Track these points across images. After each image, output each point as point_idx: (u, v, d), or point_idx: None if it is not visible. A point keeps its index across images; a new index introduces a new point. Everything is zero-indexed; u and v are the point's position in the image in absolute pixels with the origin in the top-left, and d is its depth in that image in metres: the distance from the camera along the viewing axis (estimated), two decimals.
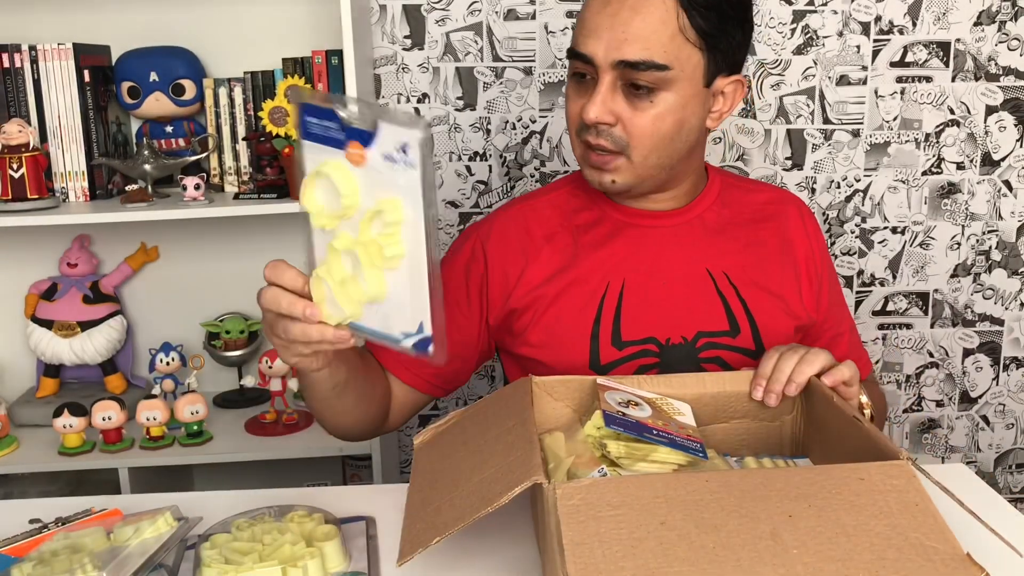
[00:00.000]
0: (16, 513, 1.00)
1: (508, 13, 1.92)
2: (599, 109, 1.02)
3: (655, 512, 0.69)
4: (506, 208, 1.20)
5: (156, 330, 1.99)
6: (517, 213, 1.18)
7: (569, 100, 1.08)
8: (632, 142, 1.04)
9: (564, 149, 1.99)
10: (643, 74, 1.01)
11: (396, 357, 1.12)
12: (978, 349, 2.14)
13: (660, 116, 1.03)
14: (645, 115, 1.03)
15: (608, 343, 1.10)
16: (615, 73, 1.02)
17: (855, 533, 0.67)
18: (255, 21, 1.88)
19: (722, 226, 1.16)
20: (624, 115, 1.03)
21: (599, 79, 1.02)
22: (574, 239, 1.14)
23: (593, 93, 1.03)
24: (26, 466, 1.71)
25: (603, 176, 1.07)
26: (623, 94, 1.03)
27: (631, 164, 1.06)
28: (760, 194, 1.21)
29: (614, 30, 1.00)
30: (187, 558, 0.89)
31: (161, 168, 1.78)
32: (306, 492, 1.11)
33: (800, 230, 1.19)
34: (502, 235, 1.16)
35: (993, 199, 2.06)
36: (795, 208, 1.21)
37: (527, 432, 0.82)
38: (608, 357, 1.09)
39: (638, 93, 1.02)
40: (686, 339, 1.10)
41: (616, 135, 1.04)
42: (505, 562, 0.88)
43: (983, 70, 1.99)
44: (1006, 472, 2.21)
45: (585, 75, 1.05)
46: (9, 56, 1.75)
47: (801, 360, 0.95)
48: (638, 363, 1.10)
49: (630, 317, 1.10)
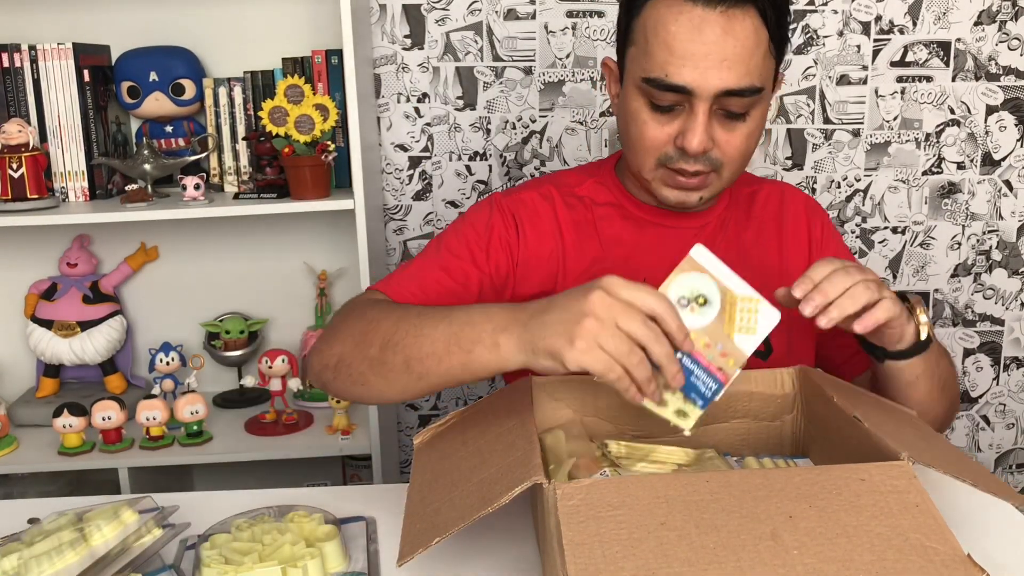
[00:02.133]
0: (16, 513, 1.00)
1: (508, 13, 1.92)
2: (703, 139, 0.99)
3: (655, 512, 0.69)
4: (535, 186, 1.18)
5: (156, 330, 2.00)
6: (547, 191, 1.17)
7: (647, 129, 1.02)
8: (726, 161, 1.03)
9: (564, 149, 1.99)
10: (743, 100, 0.99)
11: None
12: (978, 349, 2.14)
13: (751, 134, 1.03)
14: (738, 135, 1.02)
15: None
16: (712, 103, 0.98)
17: (855, 534, 0.67)
18: (255, 21, 1.88)
19: (733, 224, 1.17)
20: (720, 138, 1.01)
21: (694, 108, 0.98)
22: (598, 233, 1.14)
23: (690, 122, 0.99)
24: (26, 466, 1.71)
25: (690, 196, 1.06)
26: (716, 118, 1.01)
27: (720, 180, 1.05)
28: (762, 190, 1.22)
29: (711, 58, 0.96)
30: (187, 558, 0.89)
31: (161, 168, 1.78)
32: (306, 492, 1.10)
33: (803, 219, 1.20)
34: (535, 212, 1.15)
35: (993, 199, 2.06)
36: (793, 197, 1.21)
37: (527, 432, 0.82)
38: None
39: (732, 116, 1.01)
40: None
41: (713, 158, 1.02)
42: (505, 562, 0.88)
43: (983, 70, 1.99)
44: (1006, 472, 2.21)
45: (669, 106, 1.00)
46: (9, 56, 1.75)
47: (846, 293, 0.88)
48: None
49: None
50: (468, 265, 1.11)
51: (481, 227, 1.14)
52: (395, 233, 2.03)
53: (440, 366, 0.89)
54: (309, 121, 1.69)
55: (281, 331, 2.02)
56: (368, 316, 0.99)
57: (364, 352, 0.95)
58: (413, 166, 2.00)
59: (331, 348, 1.00)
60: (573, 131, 1.99)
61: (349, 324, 1.00)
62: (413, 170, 2.00)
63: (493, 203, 1.16)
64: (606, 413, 0.98)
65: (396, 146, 1.98)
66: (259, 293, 2.00)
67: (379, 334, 0.95)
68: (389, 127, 1.97)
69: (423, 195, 2.01)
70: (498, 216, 1.14)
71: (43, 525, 0.90)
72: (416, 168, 2.00)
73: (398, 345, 0.92)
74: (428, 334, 0.91)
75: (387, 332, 0.94)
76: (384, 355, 0.93)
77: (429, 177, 2.00)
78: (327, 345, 1.01)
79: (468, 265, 1.11)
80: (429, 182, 2.00)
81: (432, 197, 2.01)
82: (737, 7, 0.96)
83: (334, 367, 0.99)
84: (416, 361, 0.91)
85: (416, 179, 2.00)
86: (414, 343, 0.91)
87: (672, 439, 0.98)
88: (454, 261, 1.11)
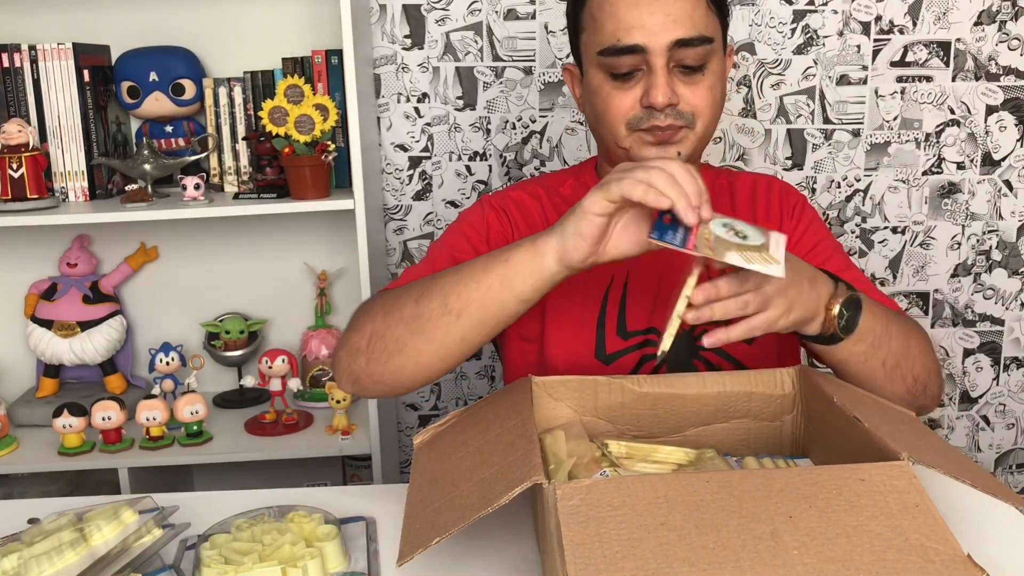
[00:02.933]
0: (16, 513, 1.00)
1: (508, 13, 1.92)
2: (666, 91, 1.03)
3: (655, 513, 0.69)
4: (523, 186, 1.22)
5: (156, 330, 2.00)
6: (534, 190, 1.20)
7: (612, 99, 1.07)
8: (696, 114, 1.06)
9: (564, 149, 1.99)
10: (696, 50, 1.03)
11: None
12: (978, 349, 2.14)
13: (712, 85, 1.06)
14: (701, 87, 1.05)
15: (614, 333, 1.12)
16: (667, 56, 1.03)
17: (855, 534, 0.67)
18: (255, 21, 1.88)
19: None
20: (683, 92, 1.05)
21: (652, 66, 1.03)
22: None
23: (651, 79, 1.03)
24: (26, 466, 1.71)
25: (668, 150, 1.08)
26: (676, 74, 1.05)
27: (694, 134, 1.08)
28: (737, 181, 1.23)
29: (656, 16, 1.02)
30: (187, 558, 0.89)
31: (161, 168, 1.78)
32: (306, 492, 1.10)
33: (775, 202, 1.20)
34: (525, 207, 1.18)
35: (993, 199, 2.06)
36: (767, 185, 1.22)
37: (527, 432, 0.82)
38: (613, 347, 1.12)
39: (690, 70, 1.05)
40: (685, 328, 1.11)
41: (681, 111, 1.05)
42: (505, 562, 0.88)
43: (983, 70, 1.99)
44: (1006, 472, 2.21)
45: (627, 73, 1.05)
46: (9, 56, 1.75)
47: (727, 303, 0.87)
48: (641, 352, 1.12)
49: (634, 308, 1.12)
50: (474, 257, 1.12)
51: (479, 224, 1.17)
52: (395, 233, 2.03)
53: (478, 289, 0.92)
54: (309, 121, 1.69)
55: (281, 331, 2.02)
56: (395, 293, 1.01)
57: (398, 315, 0.97)
58: (413, 166, 2.00)
59: (358, 332, 1.00)
60: (573, 131, 1.99)
61: (375, 307, 1.02)
62: (413, 170, 2.00)
63: (484, 203, 1.19)
64: (606, 413, 0.98)
65: (396, 146, 1.98)
66: (259, 293, 2.00)
67: (412, 293, 0.97)
68: (389, 127, 1.97)
69: (423, 195, 2.01)
70: (491, 213, 1.17)
71: (43, 525, 0.90)
72: (416, 168, 2.00)
73: (433, 290, 0.94)
74: (465, 268, 0.94)
75: (421, 288, 0.96)
76: (419, 306, 0.95)
77: (429, 177, 2.00)
78: (353, 333, 1.01)
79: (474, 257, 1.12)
80: (429, 182, 2.00)
81: (432, 197, 2.01)
82: None
83: (367, 348, 0.98)
84: (454, 296, 0.93)
85: (416, 179, 2.00)
86: (452, 280, 0.94)
87: (672, 439, 0.98)
88: (460, 257, 1.12)
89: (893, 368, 1.01)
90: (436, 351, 0.96)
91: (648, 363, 1.12)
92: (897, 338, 1.02)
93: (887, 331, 1.00)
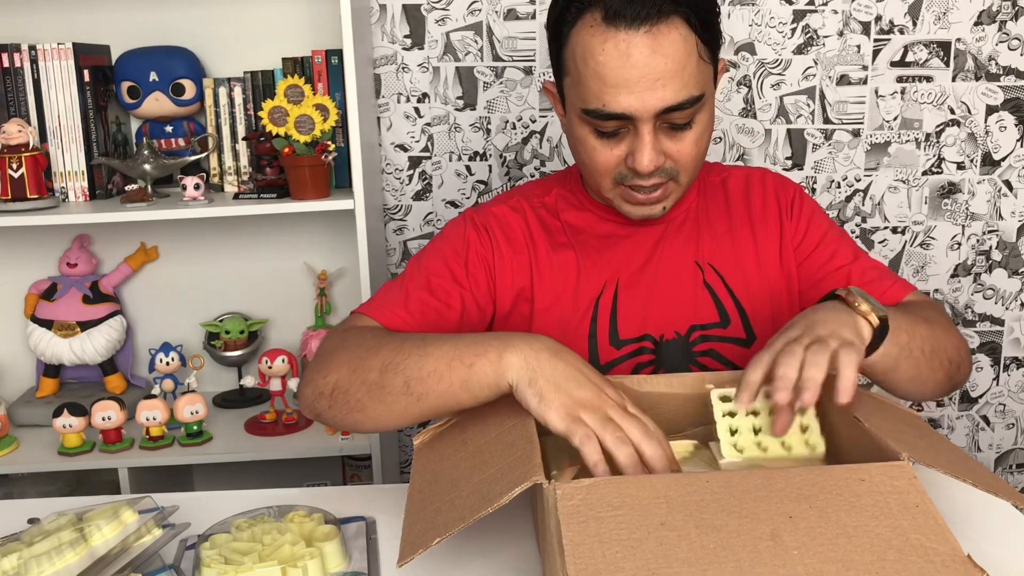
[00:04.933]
0: (16, 513, 1.00)
1: (508, 13, 1.92)
2: (653, 156, 0.99)
3: (655, 513, 0.69)
4: (504, 199, 1.19)
5: (156, 330, 2.00)
6: (517, 203, 1.18)
7: (596, 153, 1.03)
8: (680, 167, 1.03)
9: (564, 149, 1.99)
10: (684, 112, 0.98)
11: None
12: (978, 349, 2.14)
13: (699, 138, 1.03)
14: (687, 143, 1.02)
15: (606, 343, 1.11)
16: (654, 122, 0.99)
17: (855, 534, 0.67)
18: (255, 21, 1.88)
19: (703, 217, 1.16)
20: (670, 150, 1.01)
21: (638, 130, 0.99)
22: (568, 236, 1.15)
23: (637, 143, 1.00)
24: (26, 466, 1.71)
25: (653, 209, 1.06)
26: (663, 132, 1.01)
27: (679, 186, 1.06)
28: (730, 178, 1.21)
29: (645, 79, 0.95)
30: (187, 558, 0.89)
31: (161, 168, 1.78)
32: (306, 492, 1.10)
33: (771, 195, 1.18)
34: (507, 225, 1.15)
35: (993, 199, 2.06)
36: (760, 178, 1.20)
37: (527, 432, 0.82)
38: (607, 356, 1.11)
39: (679, 127, 1.01)
40: (679, 334, 1.11)
41: (667, 168, 1.03)
42: (505, 562, 0.88)
43: (983, 70, 1.99)
44: (1006, 472, 2.21)
45: (613, 131, 1.01)
46: (9, 56, 1.75)
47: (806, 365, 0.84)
48: (635, 361, 1.11)
49: (626, 316, 1.11)
50: (449, 284, 1.11)
51: (458, 243, 1.14)
52: (395, 233, 2.03)
53: (440, 383, 0.89)
54: (309, 121, 1.69)
55: (281, 331, 2.02)
56: (366, 344, 0.98)
57: (363, 377, 0.95)
58: (413, 166, 2.00)
59: (325, 377, 0.98)
60: None
61: (345, 352, 0.99)
62: (413, 170, 2.00)
63: (466, 219, 1.17)
64: None
65: (396, 146, 1.98)
66: (259, 293, 2.00)
67: (379, 358, 0.95)
68: (389, 127, 1.97)
69: (423, 195, 2.01)
70: (472, 231, 1.15)
71: (43, 525, 0.90)
72: (416, 168, 2.00)
73: (399, 367, 0.92)
74: (432, 352, 0.91)
75: (388, 356, 0.94)
76: (384, 378, 0.93)
77: (429, 177, 2.00)
78: (320, 374, 0.99)
79: (449, 284, 1.11)
80: (429, 182, 2.00)
81: (432, 197, 2.01)
82: (661, 23, 0.95)
83: (329, 395, 0.97)
84: (416, 381, 0.91)
85: (416, 179, 2.00)
86: (416, 363, 0.91)
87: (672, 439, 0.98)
88: (435, 280, 1.11)
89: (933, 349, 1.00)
90: (394, 419, 0.95)
91: (642, 372, 1.11)
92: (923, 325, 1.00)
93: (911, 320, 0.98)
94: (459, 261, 1.13)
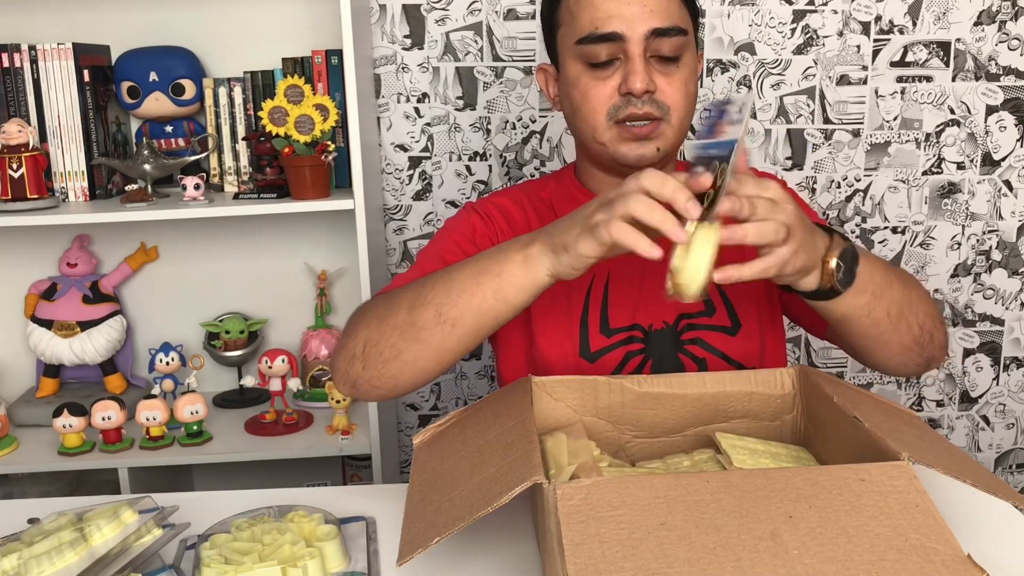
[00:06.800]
0: (16, 513, 1.00)
1: (508, 13, 1.92)
2: (644, 78, 1.04)
3: (655, 512, 0.69)
4: (505, 192, 1.24)
5: (156, 330, 2.00)
6: (516, 196, 1.22)
7: (590, 89, 1.08)
8: (671, 106, 1.07)
9: (564, 149, 1.99)
10: (671, 40, 1.05)
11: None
12: (978, 349, 2.14)
13: (686, 79, 1.08)
14: (676, 79, 1.07)
15: (597, 331, 1.13)
16: (644, 45, 1.05)
17: (855, 534, 0.67)
18: (255, 21, 1.88)
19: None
20: (660, 83, 1.07)
21: (629, 54, 1.05)
22: None
23: (629, 67, 1.05)
24: (26, 466, 1.71)
25: (647, 146, 1.08)
26: (652, 64, 1.06)
27: (671, 128, 1.08)
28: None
29: (633, 6, 1.04)
30: (187, 558, 0.89)
31: (161, 168, 1.78)
32: (306, 492, 1.10)
33: None
34: (508, 212, 1.19)
35: (993, 199, 2.06)
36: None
37: (527, 432, 0.82)
38: (597, 344, 1.13)
39: (665, 62, 1.06)
40: (668, 323, 1.13)
41: (658, 101, 1.07)
42: (505, 562, 0.88)
43: (983, 70, 1.99)
44: (1006, 472, 2.21)
45: (606, 62, 1.06)
46: (9, 56, 1.75)
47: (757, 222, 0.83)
48: (625, 349, 1.13)
49: (616, 305, 1.14)
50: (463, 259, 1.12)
51: (465, 227, 1.18)
52: (395, 233, 2.03)
53: (472, 300, 0.92)
54: (309, 121, 1.69)
55: (281, 331, 2.02)
56: (389, 298, 1.00)
57: (392, 321, 0.97)
58: (413, 166, 2.00)
59: (354, 339, 1.00)
60: None
61: (368, 312, 1.02)
62: (413, 170, 2.00)
63: (468, 208, 1.21)
64: (606, 413, 0.98)
65: (396, 146, 1.98)
66: (259, 293, 2.00)
67: (405, 300, 0.97)
68: (389, 127, 1.97)
69: (423, 195, 2.01)
70: (476, 216, 1.19)
71: (43, 525, 0.90)
72: (416, 168, 2.00)
73: (426, 299, 0.94)
74: (456, 276, 0.94)
75: (413, 295, 0.96)
76: (413, 315, 0.95)
77: (429, 177, 2.00)
78: (349, 339, 1.01)
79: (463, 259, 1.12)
80: (429, 182, 2.00)
81: (432, 197, 2.01)
82: None
83: (362, 354, 0.99)
84: (448, 305, 0.93)
85: (416, 179, 2.00)
86: (443, 289, 0.94)
87: (672, 439, 0.98)
88: (449, 257, 1.13)
89: (898, 317, 0.98)
90: (432, 356, 0.96)
91: (632, 360, 1.12)
92: (898, 286, 0.99)
93: (887, 280, 0.97)
94: (468, 241, 1.16)
